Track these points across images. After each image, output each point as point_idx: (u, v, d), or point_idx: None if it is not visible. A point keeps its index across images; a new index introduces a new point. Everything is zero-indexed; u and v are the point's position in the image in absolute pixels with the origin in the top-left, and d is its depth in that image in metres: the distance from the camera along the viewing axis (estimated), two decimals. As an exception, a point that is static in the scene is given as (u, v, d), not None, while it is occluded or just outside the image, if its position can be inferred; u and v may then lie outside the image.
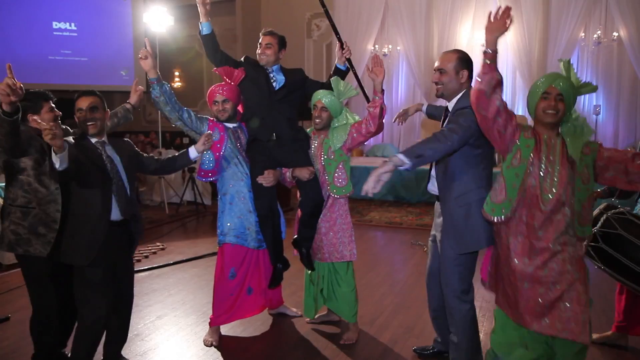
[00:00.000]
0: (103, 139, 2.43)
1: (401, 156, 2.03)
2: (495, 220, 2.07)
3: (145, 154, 2.70)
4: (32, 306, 2.56)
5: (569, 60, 2.07)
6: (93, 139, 2.39)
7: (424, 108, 3.01)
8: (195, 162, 2.86)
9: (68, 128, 2.70)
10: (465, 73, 2.35)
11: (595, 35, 8.49)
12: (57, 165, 2.06)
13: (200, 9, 2.84)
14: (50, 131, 1.94)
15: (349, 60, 3.12)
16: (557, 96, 1.99)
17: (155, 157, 2.76)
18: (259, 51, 3.00)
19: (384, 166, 2.02)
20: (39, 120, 2.00)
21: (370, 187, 2.01)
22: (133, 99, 2.98)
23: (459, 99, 2.35)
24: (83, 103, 2.35)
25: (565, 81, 2.01)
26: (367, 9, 9.75)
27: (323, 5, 3.15)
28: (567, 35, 8.30)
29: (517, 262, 2.01)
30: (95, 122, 2.37)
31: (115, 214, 2.39)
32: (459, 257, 2.35)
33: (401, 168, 2.04)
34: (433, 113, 2.97)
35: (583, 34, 8.55)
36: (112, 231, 2.38)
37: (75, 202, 2.37)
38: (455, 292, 2.38)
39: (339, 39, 3.12)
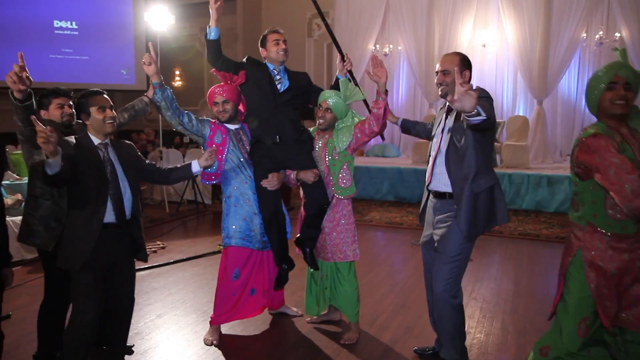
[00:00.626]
0: (106, 140, 2.40)
1: (480, 109, 1.95)
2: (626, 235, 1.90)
3: (147, 161, 2.65)
4: (44, 295, 2.59)
5: (625, 49, 1.98)
6: (96, 140, 2.36)
7: (399, 122, 3.04)
8: (197, 175, 2.82)
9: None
10: (467, 73, 2.43)
11: (597, 36, 8.47)
12: (47, 169, 2.01)
13: (212, 13, 2.77)
14: (44, 135, 1.91)
15: (350, 72, 3.12)
16: (625, 85, 1.87)
17: (157, 165, 2.74)
18: (278, 48, 2.93)
19: (473, 101, 1.89)
20: (38, 122, 1.97)
21: (459, 94, 1.90)
22: (151, 92, 2.91)
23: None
24: (105, 102, 2.35)
25: (629, 69, 1.88)
26: (368, 9, 9.74)
27: (323, 19, 3.15)
28: (569, 36, 8.28)
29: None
30: (114, 120, 2.38)
31: (110, 217, 2.34)
32: (459, 252, 2.43)
33: (471, 119, 1.99)
34: (408, 128, 3.02)
35: (585, 35, 8.53)
36: (107, 234, 2.33)
37: (71, 203, 2.34)
38: (447, 286, 2.43)
39: (340, 51, 3.13)
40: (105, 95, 2.39)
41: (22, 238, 2.57)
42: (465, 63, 2.44)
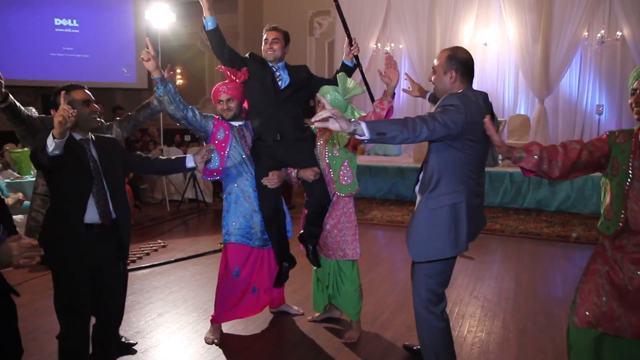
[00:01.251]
0: (87, 136, 2.28)
1: (364, 127, 1.82)
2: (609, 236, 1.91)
3: (135, 152, 2.58)
4: (54, 288, 2.58)
5: None
6: (78, 136, 2.23)
7: (428, 95, 2.81)
8: (189, 171, 2.76)
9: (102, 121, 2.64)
10: (453, 73, 2.19)
11: (598, 35, 8.44)
12: (50, 148, 1.93)
13: (203, 3, 2.73)
14: (65, 115, 1.87)
15: (356, 57, 3.09)
16: None
17: (145, 156, 2.65)
18: (266, 47, 2.93)
19: (339, 120, 1.77)
20: (63, 100, 1.95)
21: (318, 118, 1.79)
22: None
23: (445, 97, 2.16)
24: (89, 96, 2.26)
25: None
26: (369, 7, 9.72)
27: (335, 1, 3.10)
28: (570, 35, 8.26)
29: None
30: (97, 115, 2.30)
31: (94, 217, 2.21)
32: (430, 264, 2.22)
33: (357, 136, 1.86)
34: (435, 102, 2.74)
35: (586, 33, 8.51)
36: (91, 236, 2.21)
37: (52, 202, 2.23)
38: (422, 301, 2.26)
39: (349, 35, 3.08)
40: (86, 90, 2.29)
41: (31, 233, 2.68)
42: (452, 61, 2.18)
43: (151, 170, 2.67)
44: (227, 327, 3.16)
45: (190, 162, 2.62)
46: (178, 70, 12.15)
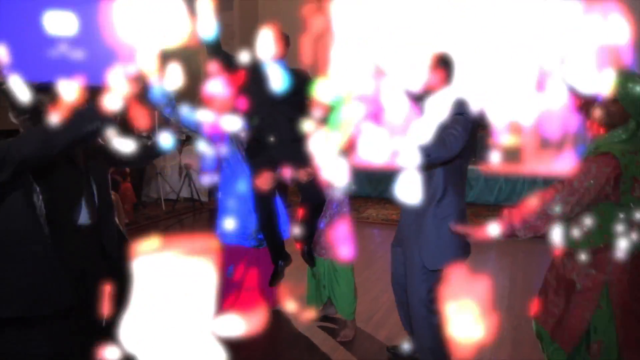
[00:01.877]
0: None
1: (417, 151, 1.90)
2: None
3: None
4: None
5: None
6: None
7: None
8: (168, 153, 2.66)
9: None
10: (440, 73, 2.24)
11: (593, 34, 8.48)
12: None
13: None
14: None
15: None
16: None
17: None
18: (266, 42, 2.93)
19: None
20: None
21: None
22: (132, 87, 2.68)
23: (453, 105, 2.17)
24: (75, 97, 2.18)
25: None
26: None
27: None
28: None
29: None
30: None
31: (84, 218, 2.14)
32: (425, 271, 2.28)
33: (401, 164, 1.91)
34: None
35: (581, 32, 8.55)
36: (78, 238, 2.14)
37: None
38: (422, 300, 2.29)
39: None
40: (73, 92, 2.17)
41: None
42: (440, 63, 2.23)
43: (130, 161, 2.45)
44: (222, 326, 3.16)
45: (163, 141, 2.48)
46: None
